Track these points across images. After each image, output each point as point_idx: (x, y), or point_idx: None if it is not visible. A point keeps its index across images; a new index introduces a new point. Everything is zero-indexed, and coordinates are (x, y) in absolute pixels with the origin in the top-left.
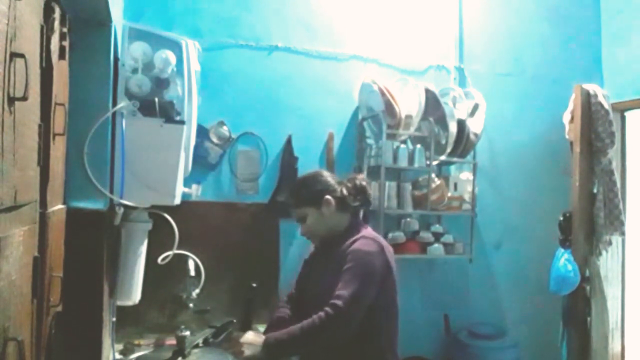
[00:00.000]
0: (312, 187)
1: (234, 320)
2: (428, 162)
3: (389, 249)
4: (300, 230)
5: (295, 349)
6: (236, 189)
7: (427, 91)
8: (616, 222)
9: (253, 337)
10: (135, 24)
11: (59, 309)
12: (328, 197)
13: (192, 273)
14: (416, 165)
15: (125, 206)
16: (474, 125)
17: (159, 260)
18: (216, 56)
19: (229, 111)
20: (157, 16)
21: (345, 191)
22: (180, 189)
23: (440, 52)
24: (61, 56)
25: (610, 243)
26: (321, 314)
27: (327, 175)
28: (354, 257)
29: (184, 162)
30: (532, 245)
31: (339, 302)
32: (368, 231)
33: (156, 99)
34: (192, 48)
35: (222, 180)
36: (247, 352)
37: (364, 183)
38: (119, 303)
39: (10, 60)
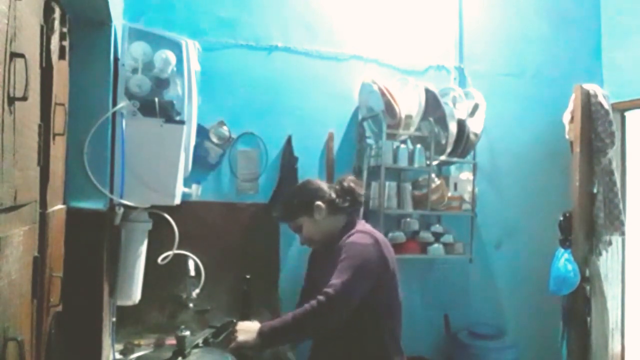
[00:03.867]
0: (302, 196)
1: (234, 320)
2: (428, 162)
3: (386, 243)
4: (299, 240)
5: (289, 335)
6: (236, 189)
7: (427, 91)
8: (616, 222)
9: (248, 324)
10: (135, 24)
11: (59, 309)
12: (318, 202)
13: (192, 273)
14: (416, 165)
15: (125, 206)
16: (474, 125)
17: (159, 260)
18: (216, 56)
19: (229, 111)
20: (157, 16)
21: (333, 194)
22: (180, 189)
23: (440, 52)
24: (61, 56)
25: (610, 243)
26: (313, 301)
27: (316, 183)
28: (347, 249)
29: (184, 162)
30: (532, 245)
31: (330, 290)
32: (364, 226)
33: (156, 99)
34: (192, 48)
35: (222, 180)
36: (241, 337)
37: (351, 184)
38: (119, 303)
39: (10, 60)
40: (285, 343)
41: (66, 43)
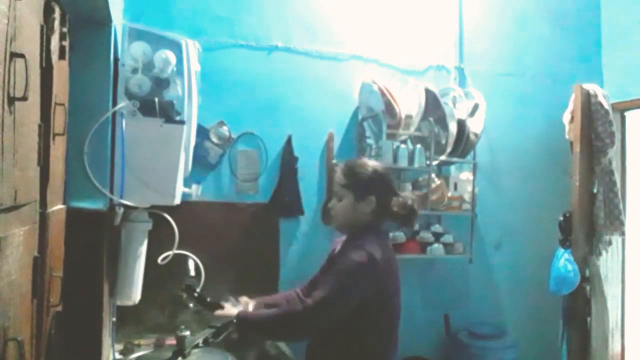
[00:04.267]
0: (366, 180)
1: (234, 320)
2: (428, 162)
3: (387, 260)
4: (329, 203)
5: (262, 332)
6: (236, 189)
7: (427, 91)
8: (616, 222)
9: (228, 309)
10: (135, 24)
11: (59, 309)
12: (372, 197)
13: (192, 273)
14: (416, 165)
15: (125, 206)
16: (474, 125)
17: (159, 260)
18: (216, 56)
19: (229, 111)
20: (157, 16)
21: (394, 205)
22: (180, 189)
23: (440, 52)
24: (61, 56)
25: (610, 243)
26: (292, 306)
27: (386, 178)
28: (342, 264)
29: (184, 162)
30: (532, 245)
31: (309, 301)
32: (370, 242)
33: (156, 99)
34: (192, 48)
35: (222, 180)
36: (226, 310)
37: (415, 206)
38: (119, 303)
39: (10, 60)
40: (259, 337)
41: (66, 43)
